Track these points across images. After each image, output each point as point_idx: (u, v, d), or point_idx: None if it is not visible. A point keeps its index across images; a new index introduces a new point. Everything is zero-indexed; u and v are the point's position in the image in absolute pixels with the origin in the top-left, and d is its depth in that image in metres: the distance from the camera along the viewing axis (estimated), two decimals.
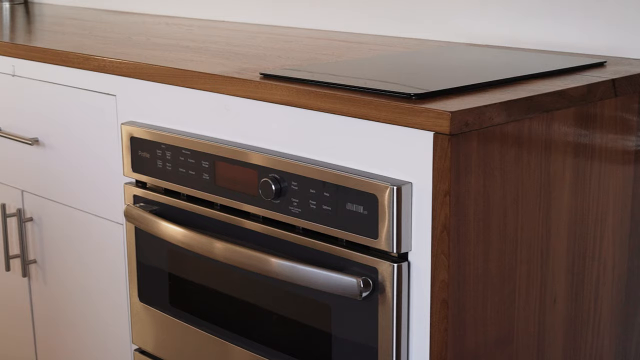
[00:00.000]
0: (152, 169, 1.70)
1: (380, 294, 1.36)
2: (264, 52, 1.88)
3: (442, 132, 1.26)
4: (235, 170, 1.55)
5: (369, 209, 1.35)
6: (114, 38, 2.17)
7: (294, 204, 1.46)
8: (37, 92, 2.00)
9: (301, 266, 1.43)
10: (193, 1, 2.52)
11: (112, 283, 1.90)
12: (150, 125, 1.72)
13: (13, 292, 2.19)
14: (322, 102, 1.41)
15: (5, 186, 2.15)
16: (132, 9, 2.70)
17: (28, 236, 2.11)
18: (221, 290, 1.64)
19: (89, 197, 1.92)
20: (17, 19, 2.77)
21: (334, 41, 2.04)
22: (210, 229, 1.61)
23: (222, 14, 2.44)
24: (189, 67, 1.65)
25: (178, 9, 2.56)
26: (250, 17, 2.38)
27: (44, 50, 1.95)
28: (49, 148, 2.00)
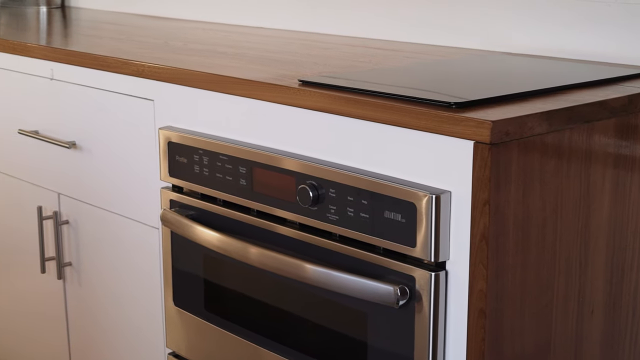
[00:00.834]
0: (189, 174, 1.71)
1: (417, 302, 1.36)
2: (300, 59, 1.89)
3: (483, 142, 1.26)
4: (272, 176, 1.55)
5: (407, 217, 1.35)
6: (151, 43, 2.18)
7: (331, 211, 1.46)
8: (75, 96, 2.02)
9: (337, 273, 1.43)
10: (229, 7, 2.53)
11: (147, 286, 1.91)
12: (188, 131, 1.73)
13: (48, 294, 2.21)
14: (361, 110, 1.41)
15: (42, 189, 2.16)
16: (168, 14, 2.71)
17: (64, 239, 2.13)
18: (256, 296, 1.64)
19: (125, 201, 1.93)
20: (54, 23, 2.79)
21: (370, 48, 2.04)
22: (246, 234, 1.62)
23: (258, 20, 2.45)
24: (227, 73, 1.66)
25: (214, 14, 2.57)
26: (286, 24, 2.38)
27: (82, 55, 1.96)
28: (86, 151, 2.01)
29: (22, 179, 2.22)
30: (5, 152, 2.27)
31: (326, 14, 2.29)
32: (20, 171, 2.23)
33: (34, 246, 2.19)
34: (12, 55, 2.17)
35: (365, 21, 2.20)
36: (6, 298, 2.39)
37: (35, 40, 2.34)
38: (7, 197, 2.30)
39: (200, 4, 2.61)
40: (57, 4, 3.07)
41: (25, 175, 2.21)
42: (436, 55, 1.92)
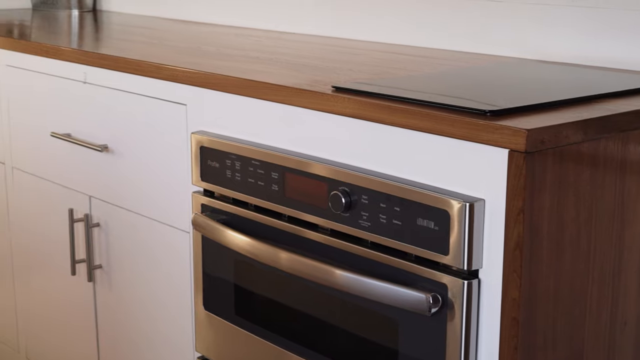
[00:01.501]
0: (221, 179, 1.72)
1: (449, 310, 1.35)
2: (333, 65, 1.89)
3: (518, 150, 1.25)
4: (304, 182, 1.55)
5: (440, 225, 1.35)
6: (184, 48, 2.19)
7: (363, 218, 1.46)
8: (107, 100, 2.03)
9: (369, 280, 1.43)
10: (261, 12, 2.54)
11: (177, 290, 1.92)
12: (220, 135, 1.73)
13: (78, 296, 2.22)
14: (395, 117, 1.41)
15: (73, 191, 2.18)
16: (200, 18, 2.72)
17: (94, 241, 2.14)
18: (286, 301, 1.64)
19: (156, 205, 1.94)
20: (85, 26, 2.81)
21: (402, 55, 2.04)
22: (277, 239, 1.62)
23: (288, 26, 2.46)
24: (261, 79, 1.66)
25: (246, 19, 2.57)
26: (317, 30, 2.39)
27: (115, 59, 1.97)
28: (118, 155, 2.02)
29: (54, 181, 2.24)
30: (38, 154, 2.29)
31: (357, 20, 2.29)
32: (52, 174, 2.24)
33: (65, 248, 2.21)
34: (46, 59, 2.18)
35: (396, 28, 2.20)
36: (37, 299, 2.41)
37: (68, 43, 2.35)
38: (39, 199, 2.32)
39: (232, 9, 2.62)
40: (88, 7, 3.09)
41: (57, 178, 2.23)
42: (469, 63, 1.91)
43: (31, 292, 2.43)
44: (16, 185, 2.39)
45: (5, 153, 2.40)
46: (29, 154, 2.32)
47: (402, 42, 2.18)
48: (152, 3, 2.91)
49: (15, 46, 2.28)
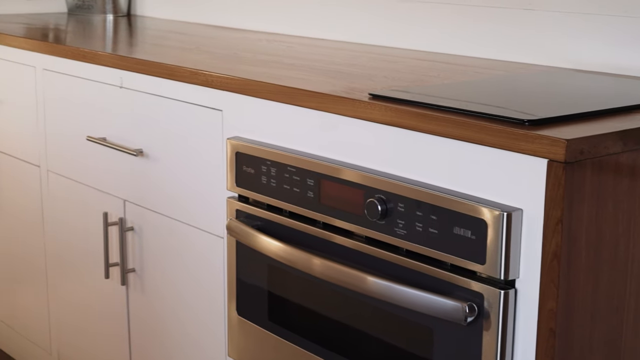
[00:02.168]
0: (256, 185, 1.72)
1: (485, 320, 1.35)
2: (368, 72, 1.89)
3: (557, 160, 1.25)
4: (340, 189, 1.55)
5: (477, 234, 1.34)
6: (220, 54, 2.20)
7: (399, 226, 1.46)
8: (143, 104, 2.04)
9: (404, 288, 1.43)
10: (293, 19, 2.54)
11: (210, 295, 1.92)
12: (256, 141, 1.74)
13: (111, 299, 2.23)
14: (432, 125, 1.41)
15: (108, 195, 2.19)
16: (233, 24, 2.73)
17: (128, 245, 2.15)
18: (320, 308, 1.65)
19: (190, 209, 1.95)
20: (120, 31, 2.83)
21: (438, 63, 2.03)
22: (311, 246, 1.62)
23: (322, 32, 2.46)
24: (297, 85, 1.67)
25: (279, 26, 2.58)
26: (350, 36, 2.39)
27: (152, 64, 1.99)
28: (153, 159, 2.03)
29: (89, 185, 2.25)
30: (73, 158, 2.30)
31: (391, 27, 2.29)
32: (87, 177, 2.26)
33: (99, 252, 2.22)
34: (83, 63, 2.20)
35: (431, 35, 2.20)
36: (70, 301, 2.43)
37: (104, 48, 2.37)
38: (74, 203, 2.33)
39: (265, 15, 2.62)
40: (123, 12, 3.11)
41: (92, 182, 2.24)
42: (505, 71, 1.91)
43: (64, 294, 2.45)
44: (51, 189, 2.41)
45: (41, 156, 2.43)
46: (64, 157, 2.34)
47: (437, 50, 2.18)
48: (185, 8, 2.92)
49: (52, 50, 2.30)
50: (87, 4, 3.11)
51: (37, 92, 2.40)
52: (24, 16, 3.03)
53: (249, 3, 2.68)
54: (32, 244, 2.53)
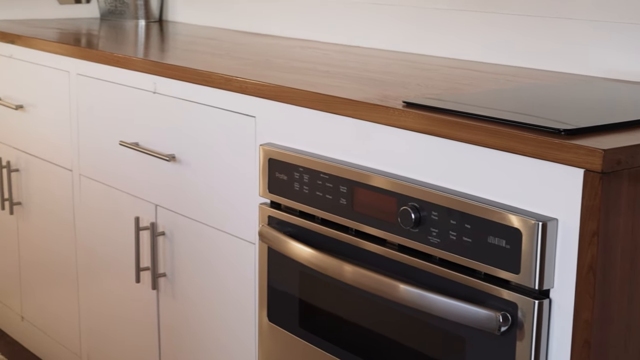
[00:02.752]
0: (289, 191, 1.72)
1: (518, 330, 1.34)
2: (402, 80, 1.89)
3: (593, 170, 1.24)
4: (373, 196, 1.55)
5: (511, 244, 1.34)
6: (252, 60, 2.21)
7: (432, 234, 1.45)
8: (176, 110, 2.05)
9: (438, 296, 1.42)
10: (326, 26, 2.54)
11: (241, 301, 1.93)
12: (289, 148, 1.74)
13: (141, 304, 2.24)
14: (467, 134, 1.40)
15: (139, 200, 2.20)
16: (265, 30, 2.74)
17: (159, 250, 2.16)
18: (352, 316, 1.64)
19: (221, 215, 1.96)
20: (152, 36, 2.85)
21: (471, 71, 2.03)
22: (343, 253, 1.62)
23: (355, 39, 2.46)
24: (331, 93, 1.67)
25: (311, 32, 2.59)
26: (383, 43, 2.39)
27: (185, 70, 1.99)
28: (185, 165, 2.04)
29: (121, 189, 2.26)
30: (105, 162, 2.32)
31: (424, 35, 2.28)
32: (119, 182, 2.27)
33: (130, 256, 2.23)
34: (116, 68, 2.21)
35: (464, 43, 2.19)
36: (100, 305, 2.44)
37: (137, 53, 2.39)
38: (105, 206, 2.35)
39: (297, 22, 2.63)
40: (155, 17, 3.13)
41: (124, 186, 2.25)
42: (538, 79, 1.90)
43: (95, 298, 2.46)
44: (83, 193, 2.43)
45: (73, 160, 2.44)
46: (97, 161, 2.36)
47: (469, 58, 2.18)
48: (216, 14, 2.94)
49: (86, 55, 2.32)
50: (119, 9, 3.13)
51: (71, 96, 2.41)
52: (57, 21, 3.06)
53: (280, 9, 2.69)
54: (63, 248, 2.55)
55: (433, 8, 2.25)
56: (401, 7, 2.33)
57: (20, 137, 2.69)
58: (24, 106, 2.64)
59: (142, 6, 3.10)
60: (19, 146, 2.70)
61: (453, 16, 2.21)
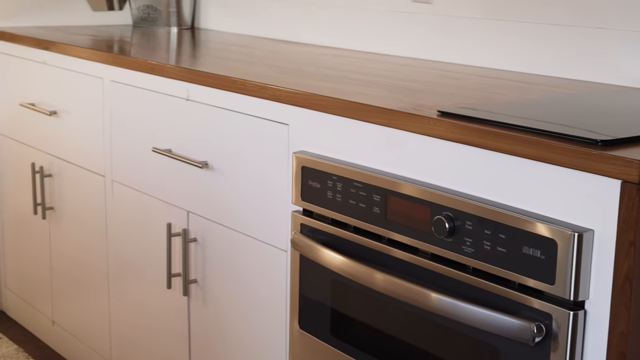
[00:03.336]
0: (322, 199, 1.73)
1: (553, 341, 1.34)
2: (435, 89, 1.89)
3: (631, 181, 1.24)
4: (407, 205, 1.55)
5: (546, 254, 1.33)
6: (284, 67, 2.21)
7: (466, 244, 1.45)
8: (209, 117, 2.06)
9: (472, 306, 1.42)
10: (356, 33, 2.55)
11: (272, 308, 1.93)
12: (322, 156, 1.74)
13: (172, 309, 2.25)
14: (502, 143, 1.40)
15: (172, 206, 2.21)
16: (295, 38, 2.75)
17: (190, 256, 2.17)
18: (384, 324, 1.64)
19: (253, 222, 1.96)
20: (184, 44, 2.86)
21: (503, 80, 2.03)
22: (375, 261, 1.62)
23: (385, 47, 2.46)
24: (364, 101, 1.67)
25: (342, 40, 2.59)
26: (412, 52, 2.39)
27: (219, 77, 2.00)
28: (218, 172, 2.05)
29: (154, 196, 2.28)
30: (138, 169, 2.33)
31: (455, 44, 2.28)
32: (151, 188, 2.28)
33: (161, 262, 2.24)
34: (150, 75, 2.23)
35: (495, 52, 2.19)
36: (131, 310, 2.45)
37: (169, 60, 2.40)
38: (137, 212, 2.36)
39: (327, 30, 2.64)
40: (187, 25, 3.15)
41: (156, 192, 2.27)
42: (572, 89, 1.90)
43: (125, 303, 2.47)
44: (115, 198, 2.44)
45: (106, 166, 2.46)
46: (129, 167, 2.37)
47: (501, 67, 2.17)
48: (248, 22, 2.95)
49: (120, 62, 2.34)
50: (152, 16, 3.15)
51: (104, 103, 2.43)
52: (90, 28, 3.08)
53: (310, 18, 2.70)
54: (95, 253, 2.57)
55: (464, 17, 2.25)
56: (430, 15, 2.33)
57: (54, 143, 2.71)
58: (58, 112, 2.66)
59: (174, 13, 3.12)
60: (52, 152, 2.72)
61: (484, 25, 2.21)
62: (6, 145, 3.00)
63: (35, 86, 2.80)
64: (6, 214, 3.06)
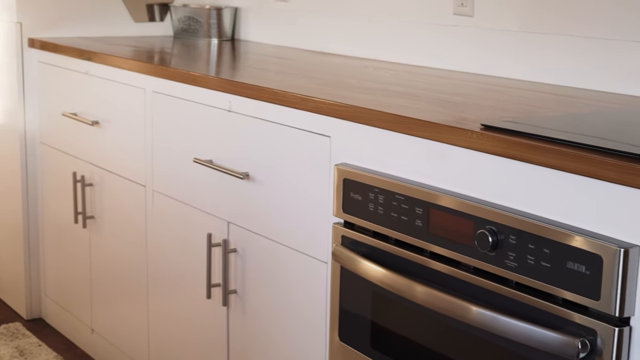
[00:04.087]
0: (363, 211, 1.73)
1: (597, 357, 1.33)
2: (476, 102, 1.89)
3: None
4: (450, 219, 1.55)
5: (591, 270, 1.33)
6: (324, 79, 2.22)
7: (510, 258, 1.45)
8: (251, 129, 2.07)
9: (515, 321, 1.41)
10: (395, 46, 2.55)
11: (312, 319, 1.93)
12: (364, 168, 1.75)
13: (212, 319, 2.26)
14: (547, 158, 1.40)
15: (212, 217, 2.22)
16: (334, 50, 2.75)
17: (230, 266, 2.18)
18: (425, 338, 1.64)
19: (294, 234, 1.97)
20: (225, 55, 2.88)
21: (544, 93, 2.02)
22: (416, 274, 1.62)
23: (426, 60, 2.46)
24: (405, 113, 1.67)
25: (381, 52, 2.59)
26: (453, 64, 2.39)
27: (261, 89, 2.02)
28: (259, 183, 2.06)
29: (194, 206, 2.29)
30: (179, 179, 2.35)
31: (494, 57, 2.27)
32: (192, 198, 2.30)
33: (201, 271, 2.26)
34: (192, 86, 2.24)
35: (536, 65, 2.18)
36: (170, 319, 2.47)
37: (210, 71, 2.42)
38: (177, 222, 2.38)
39: (366, 42, 2.64)
40: (227, 36, 3.17)
41: (197, 203, 2.28)
42: (613, 103, 1.89)
43: (164, 312, 2.49)
44: (156, 208, 2.46)
45: (147, 176, 2.48)
46: (170, 178, 2.39)
47: (542, 80, 2.16)
48: (288, 34, 2.96)
49: (163, 73, 2.36)
50: (192, 27, 3.17)
51: (146, 113, 2.45)
52: (132, 38, 3.11)
53: (350, 29, 2.70)
54: (134, 262, 2.59)
55: (505, 30, 2.25)
56: (472, 28, 2.32)
57: (95, 152, 2.74)
58: (100, 122, 2.69)
59: (215, 25, 3.14)
60: (93, 161, 2.75)
61: (525, 38, 2.20)
62: (48, 155, 3.03)
63: (77, 96, 2.83)
64: (47, 222, 3.09)
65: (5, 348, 2.93)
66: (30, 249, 3.15)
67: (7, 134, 3.16)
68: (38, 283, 3.18)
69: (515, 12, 2.22)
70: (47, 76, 3.00)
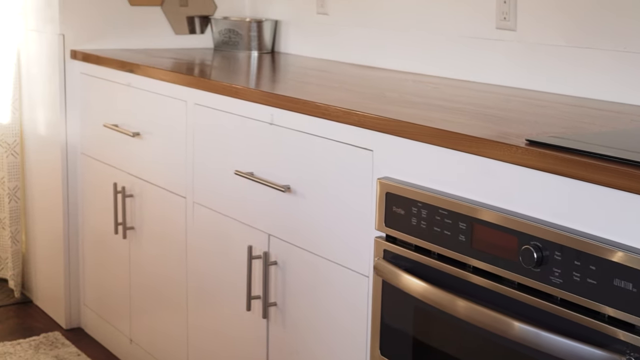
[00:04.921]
0: (406, 226, 1.73)
1: None
2: (520, 117, 1.88)
3: None
4: (494, 234, 1.54)
5: (639, 287, 1.31)
6: (366, 93, 2.22)
7: (555, 274, 1.44)
8: (293, 142, 2.08)
9: (560, 338, 1.40)
10: (439, 59, 2.55)
11: (353, 333, 1.93)
12: (407, 182, 1.75)
13: (251, 332, 2.27)
14: (594, 174, 1.39)
15: (253, 229, 2.23)
16: (374, 63, 2.75)
17: (271, 279, 2.18)
18: (467, 354, 1.63)
19: (335, 247, 1.97)
20: (265, 67, 2.89)
21: (589, 109, 2.00)
22: (459, 289, 1.61)
23: (468, 74, 2.45)
24: (451, 128, 1.67)
25: (423, 66, 2.59)
26: (496, 79, 2.38)
27: (303, 102, 2.02)
28: (300, 196, 2.06)
29: (235, 218, 2.30)
30: (220, 191, 2.36)
31: (539, 71, 2.26)
32: (232, 211, 2.31)
33: (241, 284, 2.26)
34: (233, 99, 2.26)
35: (581, 80, 2.16)
36: (210, 331, 2.47)
37: (251, 84, 2.43)
38: (218, 234, 2.39)
39: (408, 55, 2.64)
40: (267, 49, 3.18)
41: (237, 215, 2.29)
42: None
43: (204, 323, 2.50)
44: (196, 220, 2.47)
45: (187, 188, 2.49)
46: (211, 190, 2.40)
47: (587, 95, 2.15)
48: (327, 47, 2.97)
49: (204, 86, 2.37)
50: (233, 40, 3.19)
51: (187, 125, 2.47)
52: (173, 51, 3.13)
53: (391, 43, 2.70)
54: (174, 273, 2.60)
55: (548, 44, 2.24)
56: (515, 42, 2.32)
57: (136, 164, 2.76)
58: (141, 133, 2.71)
59: (255, 37, 3.15)
60: (134, 172, 2.77)
61: (568, 52, 2.19)
62: (89, 166, 3.06)
63: (118, 108, 2.85)
64: (87, 232, 3.12)
65: (45, 357, 2.95)
66: (70, 259, 3.18)
67: (48, 145, 3.19)
68: (77, 293, 3.21)
69: (558, 26, 2.21)
70: (89, 88, 3.02)
